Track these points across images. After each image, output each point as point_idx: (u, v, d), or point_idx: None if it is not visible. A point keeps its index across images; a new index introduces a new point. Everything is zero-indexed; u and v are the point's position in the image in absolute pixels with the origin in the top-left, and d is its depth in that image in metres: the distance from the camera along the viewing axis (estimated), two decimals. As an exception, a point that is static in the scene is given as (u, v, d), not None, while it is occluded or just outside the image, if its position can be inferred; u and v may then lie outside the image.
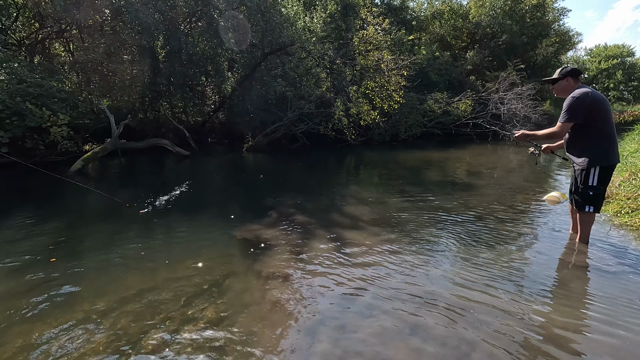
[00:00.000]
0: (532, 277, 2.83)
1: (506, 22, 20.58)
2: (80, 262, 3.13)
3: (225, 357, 1.93)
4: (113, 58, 9.87)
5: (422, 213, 4.50)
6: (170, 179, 7.27)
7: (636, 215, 3.86)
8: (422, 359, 1.90)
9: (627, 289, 2.59)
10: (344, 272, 2.90)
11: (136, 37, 9.88)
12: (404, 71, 11.13)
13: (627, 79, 36.91)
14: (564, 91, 3.08)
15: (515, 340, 2.04)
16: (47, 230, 3.99)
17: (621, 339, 2.03)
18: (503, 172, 8.00)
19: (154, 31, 9.59)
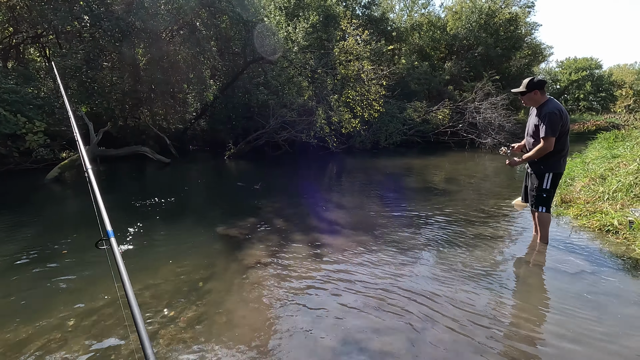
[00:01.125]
0: (497, 274, 3.03)
1: (482, 35, 21.41)
2: (55, 266, 3.13)
3: (206, 355, 2.01)
4: (92, 64, 9.79)
5: (399, 217, 4.68)
6: (151, 186, 7.24)
7: (593, 218, 4.14)
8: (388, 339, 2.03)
9: (579, 283, 2.80)
10: (323, 273, 3.01)
11: (116, 44, 9.84)
12: (384, 81, 11.45)
13: (595, 90, 38.77)
14: (533, 102, 3.33)
15: (481, 327, 2.20)
16: (20, 235, 3.95)
17: (568, 325, 2.22)
18: (478, 178, 8.32)
19: (135, 39, 9.58)
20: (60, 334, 2.19)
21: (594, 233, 3.89)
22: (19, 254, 3.47)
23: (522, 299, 2.66)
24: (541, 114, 3.22)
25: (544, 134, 3.19)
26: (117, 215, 4.91)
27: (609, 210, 4.17)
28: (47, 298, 2.64)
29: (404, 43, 21.93)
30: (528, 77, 3.40)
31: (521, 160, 3.44)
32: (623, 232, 3.66)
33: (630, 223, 3.66)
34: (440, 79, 19.57)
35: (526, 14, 24.15)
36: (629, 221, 3.68)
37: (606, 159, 6.02)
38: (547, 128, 3.17)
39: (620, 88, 40.17)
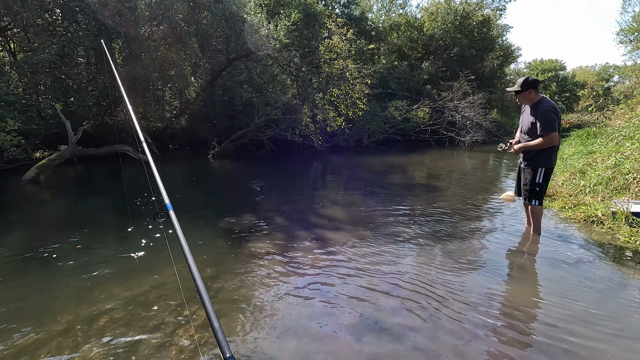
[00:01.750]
0: (494, 262, 3.19)
1: (457, 36, 22.08)
2: (58, 271, 3.00)
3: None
4: (66, 60, 9.34)
5: (393, 212, 4.77)
6: (138, 185, 7.00)
7: (578, 210, 4.40)
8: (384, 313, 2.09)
9: (574, 270, 2.98)
10: (328, 264, 3.04)
11: (92, 38, 9.43)
12: (368, 80, 11.59)
13: (560, 90, 40.84)
14: (528, 100, 3.49)
15: (479, 310, 2.31)
16: (14, 239, 3.74)
17: (566, 307, 2.37)
18: (461, 174, 8.60)
19: (113, 34, 9.22)
20: (119, 316, 2.11)
21: (580, 224, 4.13)
22: (39, 249, 3.29)
23: (523, 285, 2.80)
24: (537, 112, 3.38)
25: (545, 131, 3.33)
26: (109, 214, 4.74)
27: (591, 202, 4.45)
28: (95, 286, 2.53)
29: (383, 43, 22.27)
30: (522, 77, 3.55)
31: (521, 147, 3.55)
32: (607, 223, 3.91)
33: (614, 214, 3.91)
34: (418, 78, 20.03)
35: (497, 16, 25.11)
36: (612, 212, 3.94)
37: (583, 155, 6.39)
38: (546, 125, 3.33)
39: (583, 88, 42.53)
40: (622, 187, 4.53)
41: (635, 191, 4.32)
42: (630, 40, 24.01)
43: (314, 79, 11.60)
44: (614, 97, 35.38)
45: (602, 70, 47.03)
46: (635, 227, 3.65)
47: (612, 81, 45.07)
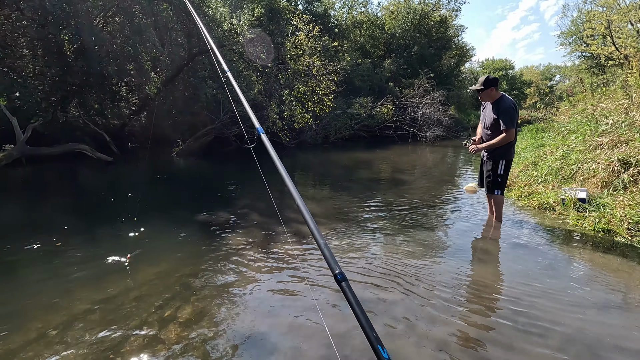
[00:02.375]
0: (461, 247, 3.43)
1: (416, 35, 22.86)
2: (21, 276, 2.80)
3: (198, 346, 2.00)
4: (9, 52, 8.58)
5: (365, 205, 4.92)
6: (101, 186, 6.62)
7: (532, 198, 4.79)
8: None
9: (527, 251, 3.27)
10: (306, 256, 3.10)
11: (38, 28, 8.72)
12: (334, 76, 11.72)
13: (510, 88, 43.64)
14: (489, 97, 3.74)
15: (449, 288, 2.49)
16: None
17: (525, 283, 2.62)
18: (424, 168, 9.00)
19: (63, 23, 8.59)
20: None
21: (535, 210, 4.51)
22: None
23: (488, 266, 3.04)
24: (499, 109, 3.64)
25: (505, 126, 3.60)
26: (72, 217, 4.46)
27: (543, 191, 4.86)
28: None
29: (346, 40, 22.54)
30: (482, 76, 3.81)
31: (484, 146, 3.82)
32: (558, 209, 4.30)
33: (563, 201, 4.32)
34: (381, 75, 20.51)
35: (453, 17, 26.30)
36: (562, 199, 4.34)
37: (534, 148, 6.94)
38: (507, 121, 3.59)
39: (529, 86, 45.76)
40: (569, 177, 5.00)
41: (580, 179, 4.79)
42: (570, 42, 26.17)
43: (281, 75, 11.54)
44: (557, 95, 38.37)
45: (546, 69, 50.79)
46: (582, 212, 4.05)
47: (555, 80, 48.84)
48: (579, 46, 24.81)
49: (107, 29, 10.37)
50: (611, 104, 6.00)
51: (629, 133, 4.81)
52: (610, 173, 4.44)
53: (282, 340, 2.05)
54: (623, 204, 3.81)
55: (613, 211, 3.78)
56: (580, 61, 26.35)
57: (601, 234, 3.59)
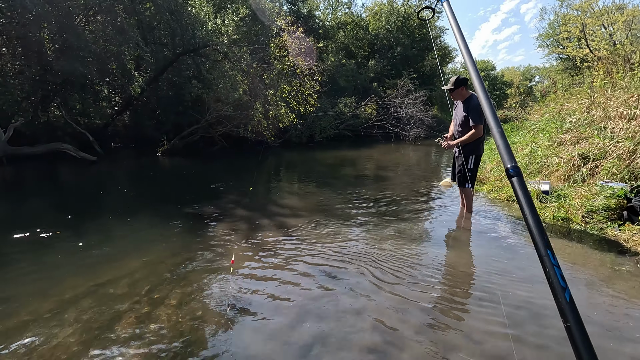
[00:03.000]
0: (436, 236, 3.68)
1: (399, 36, 23.31)
2: (11, 267, 2.90)
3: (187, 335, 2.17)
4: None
5: (348, 200, 5.14)
6: (89, 184, 6.65)
7: (502, 191, 5.11)
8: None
9: (495, 238, 3.55)
10: (293, 247, 3.30)
11: (17, 26, 8.64)
12: (318, 77, 11.93)
13: (491, 88, 44.78)
14: (460, 96, 4.00)
15: (426, 269, 2.73)
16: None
17: (492, 265, 2.88)
18: (406, 166, 9.30)
19: (44, 22, 8.54)
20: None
21: (504, 203, 4.82)
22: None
23: (460, 252, 3.30)
24: (468, 107, 3.91)
25: (474, 123, 3.87)
26: (64, 212, 4.53)
27: (512, 184, 5.17)
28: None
29: (331, 41, 22.80)
30: (453, 76, 4.07)
31: (456, 142, 4.08)
32: (524, 200, 4.61)
33: (528, 193, 4.63)
34: (365, 76, 20.85)
35: (435, 18, 26.88)
36: (527, 191, 4.65)
37: (507, 145, 7.29)
38: (476, 118, 3.86)
39: (510, 87, 47.03)
40: (536, 171, 5.34)
41: (546, 173, 5.13)
42: (547, 44, 27.12)
43: (265, 76, 11.68)
44: (535, 96, 39.57)
45: (526, 70, 52.26)
46: (544, 203, 4.37)
47: (535, 81, 50.29)
48: (556, 48, 25.74)
49: (89, 28, 10.31)
50: (575, 104, 6.40)
51: (588, 130, 5.18)
52: (572, 167, 4.78)
53: (266, 316, 2.24)
54: (580, 195, 4.14)
55: (571, 201, 4.10)
56: (557, 63, 27.34)
57: (560, 222, 3.90)
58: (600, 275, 2.78)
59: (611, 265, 2.94)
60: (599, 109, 5.40)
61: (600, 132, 4.89)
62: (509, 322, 2.15)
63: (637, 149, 4.18)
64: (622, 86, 6.06)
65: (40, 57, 9.28)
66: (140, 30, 11.00)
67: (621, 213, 3.65)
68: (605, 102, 5.44)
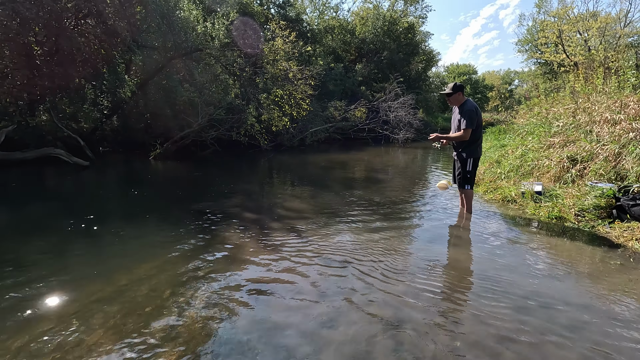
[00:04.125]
0: (438, 235, 3.87)
1: (386, 40, 23.72)
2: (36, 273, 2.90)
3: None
4: (-27, 53, 8.26)
5: (347, 202, 5.28)
6: (86, 189, 6.56)
7: (496, 192, 5.35)
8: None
9: (493, 238, 3.75)
10: (301, 247, 3.40)
11: (5, 29, 8.45)
12: (311, 81, 12.07)
13: (474, 92, 45.94)
14: (456, 101, 4.21)
15: (428, 266, 2.88)
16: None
17: (491, 260, 3.06)
18: (398, 168, 9.52)
19: (33, 25, 8.38)
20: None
21: (499, 203, 5.05)
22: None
23: (460, 250, 3.48)
24: (462, 111, 4.12)
25: (464, 126, 4.09)
26: (71, 217, 4.49)
27: (506, 186, 5.43)
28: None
29: (319, 44, 23.01)
30: (452, 83, 4.29)
31: (444, 136, 4.31)
32: (519, 201, 4.86)
33: (523, 194, 4.88)
34: (353, 79, 21.11)
35: (420, 23, 27.50)
36: (522, 192, 4.90)
37: (497, 148, 7.61)
38: (466, 122, 4.09)
39: (491, 90, 48.37)
40: (528, 173, 5.61)
41: (537, 175, 5.40)
42: (526, 49, 28.10)
43: (258, 79, 11.74)
44: (515, 99, 40.85)
45: (506, 74, 53.87)
46: (538, 203, 4.62)
47: (514, 84, 51.88)
48: (534, 53, 26.70)
49: (79, 31, 10.15)
50: (561, 108, 6.75)
51: (576, 134, 5.49)
52: (561, 169, 5.06)
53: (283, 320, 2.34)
54: (571, 194, 4.41)
55: (563, 201, 4.36)
56: (536, 67, 28.35)
57: (554, 221, 4.14)
58: (593, 269, 3.01)
59: (603, 260, 3.18)
60: (585, 114, 5.74)
61: (587, 136, 5.20)
62: (513, 312, 2.33)
63: (622, 152, 4.47)
64: (602, 91, 6.44)
65: (29, 61, 9.10)
66: (130, 33, 10.89)
67: (610, 211, 3.92)
68: (590, 107, 5.78)
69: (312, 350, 2.00)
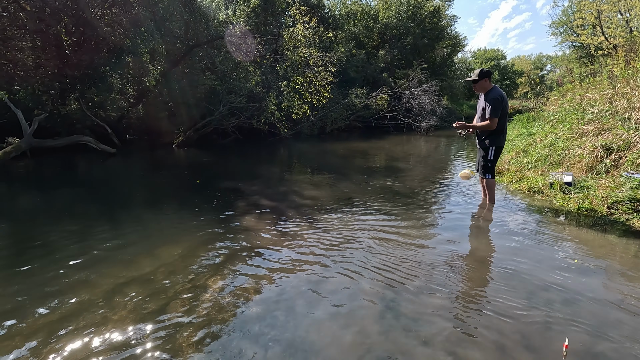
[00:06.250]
0: (459, 225, 3.75)
1: (410, 25, 23.00)
2: (56, 257, 3.04)
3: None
4: (8, 44, 8.61)
5: (369, 190, 5.21)
6: (117, 176, 6.81)
7: (522, 183, 5.13)
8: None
9: (517, 229, 3.60)
10: (316, 239, 3.39)
11: (37, 22, 8.76)
12: (332, 68, 11.90)
13: (502, 78, 44.12)
14: (483, 88, 4.02)
15: (443, 256, 2.81)
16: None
17: (513, 251, 2.94)
18: (420, 157, 9.31)
19: (63, 16, 8.64)
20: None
21: (525, 194, 4.85)
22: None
23: (482, 240, 3.36)
24: (487, 98, 3.93)
25: (489, 115, 3.91)
26: (105, 206, 4.68)
27: (533, 176, 5.20)
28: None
29: (341, 30, 22.60)
30: (478, 69, 4.08)
31: (469, 125, 4.11)
32: (546, 192, 4.64)
33: (551, 184, 4.65)
34: (375, 66, 20.66)
35: (446, 7, 26.42)
36: (550, 183, 4.68)
37: (525, 137, 7.27)
38: (491, 110, 3.90)
39: (521, 76, 46.24)
40: (557, 162, 5.34)
41: (567, 165, 5.13)
42: (560, 32, 26.52)
43: (279, 67, 11.69)
44: (547, 85, 38.91)
45: (537, 59, 51.27)
46: (567, 194, 4.39)
47: (546, 70, 49.37)
48: (570, 36, 25.15)
49: (105, 20, 10.38)
50: (597, 94, 6.33)
51: (612, 121, 5.15)
52: (595, 158, 4.78)
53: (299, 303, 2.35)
54: (604, 186, 4.16)
55: (595, 192, 4.12)
56: (570, 51, 26.74)
57: (584, 213, 3.93)
58: (625, 264, 2.83)
59: (637, 255, 2.99)
60: (623, 100, 5.36)
61: (624, 123, 4.87)
62: (534, 303, 2.24)
63: (663, 140, 4.16)
64: (644, 75, 5.97)
65: (59, 51, 9.41)
66: (154, 22, 11.05)
67: (647, 204, 3.68)
68: (630, 92, 5.39)
69: (321, 344, 2.00)
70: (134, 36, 10.46)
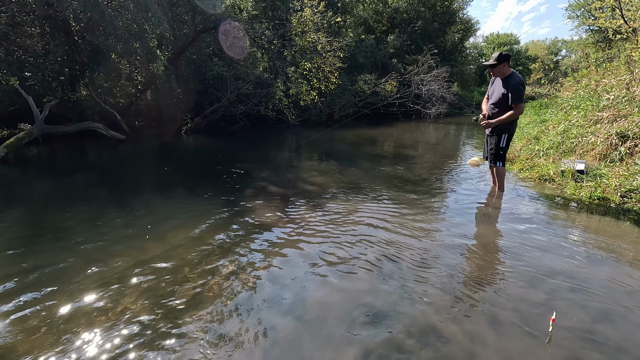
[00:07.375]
0: (465, 214, 3.72)
1: (420, 9, 22.43)
2: (70, 239, 3.12)
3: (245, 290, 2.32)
4: (17, 30, 8.64)
5: (378, 178, 5.19)
6: (127, 162, 6.89)
7: (533, 170, 5.05)
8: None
9: (527, 216, 3.56)
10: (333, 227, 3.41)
11: (45, 7, 8.75)
12: (340, 53, 11.72)
13: (515, 63, 42.98)
14: (500, 73, 3.91)
15: (451, 244, 2.80)
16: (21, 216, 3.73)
17: (523, 240, 2.92)
18: (429, 144, 9.21)
19: (71, 1, 8.61)
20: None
21: (535, 182, 4.78)
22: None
23: (490, 227, 3.34)
24: (508, 85, 3.82)
25: (515, 102, 3.79)
26: (116, 192, 4.76)
27: (544, 164, 5.11)
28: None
29: (349, 15, 22.15)
30: (496, 52, 3.95)
31: (496, 122, 3.99)
32: (557, 180, 4.57)
33: (562, 172, 4.57)
34: (385, 52, 20.29)
35: (458, -11, 25.64)
36: (561, 171, 4.60)
37: (537, 124, 7.13)
38: (516, 96, 3.78)
39: (534, 62, 45.01)
40: (570, 150, 5.24)
41: (580, 152, 5.03)
42: (577, 15, 25.60)
43: (287, 52, 11.55)
44: (562, 70, 37.86)
45: (552, 44, 49.79)
46: (579, 182, 4.32)
47: (561, 55, 47.98)
48: (587, 19, 24.23)
49: (112, 5, 10.33)
50: (613, 80, 6.14)
51: (628, 108, 5.00)
52: (609, 146, 4.67)
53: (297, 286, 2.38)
54: (618, 174, 4.07)
55: (608, 181, 4.04)
56: (587, 35, 25.84)
57: (597, 202, 3.87)
58: (637, 254, 2.79)
59: (651, 244, 2.95)
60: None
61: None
62: (542, 294, 2.23)
63: (681, 127, 4.04)
64: (664, 60, 5.76)
65: (68, 37, 9.42)
66: (161, 7, 10.96)
67: (662, 193, 3.60)
68: (648, 77, 5.22)
69: (327, 331, 2.03)
70: (142, 22, 10.40)
